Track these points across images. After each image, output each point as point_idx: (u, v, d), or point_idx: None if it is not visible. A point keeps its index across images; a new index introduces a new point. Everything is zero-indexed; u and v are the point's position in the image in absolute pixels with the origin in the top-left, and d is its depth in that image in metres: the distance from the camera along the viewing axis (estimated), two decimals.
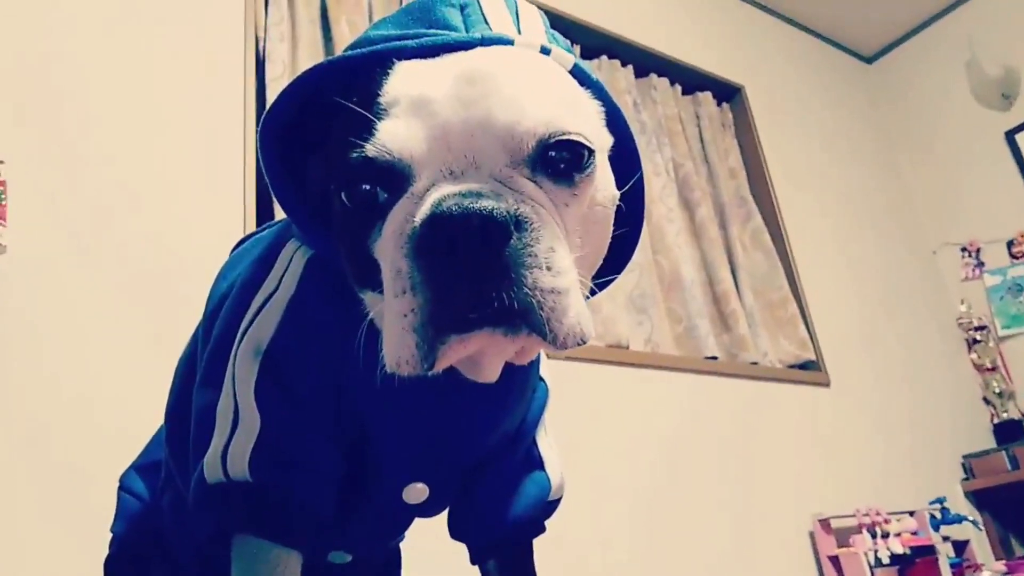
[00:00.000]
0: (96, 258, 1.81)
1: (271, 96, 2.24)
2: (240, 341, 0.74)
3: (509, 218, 0.54)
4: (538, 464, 0.90)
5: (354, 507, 0.80)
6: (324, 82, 0.66)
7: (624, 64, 3.36)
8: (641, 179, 0.73)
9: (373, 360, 0.62)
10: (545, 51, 0.66)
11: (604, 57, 3.30)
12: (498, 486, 0.87)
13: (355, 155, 0.59)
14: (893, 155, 4.55)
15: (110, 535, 0.96)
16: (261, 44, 2.36)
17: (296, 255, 0.76)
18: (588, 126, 0.64)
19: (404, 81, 0.61)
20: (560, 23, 3.15)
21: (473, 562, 0.91)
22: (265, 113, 0.68)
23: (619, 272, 0.74)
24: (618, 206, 0.68)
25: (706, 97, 3.66)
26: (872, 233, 4.06)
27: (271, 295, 0.75)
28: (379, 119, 0.59)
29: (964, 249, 4.24)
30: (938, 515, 3.10)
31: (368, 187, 0.60)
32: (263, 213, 2.08)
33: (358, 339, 0.65)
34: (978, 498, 3.62)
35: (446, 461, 0.82)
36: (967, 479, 3.65)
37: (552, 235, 0.57)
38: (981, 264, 4.17)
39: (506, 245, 0.54)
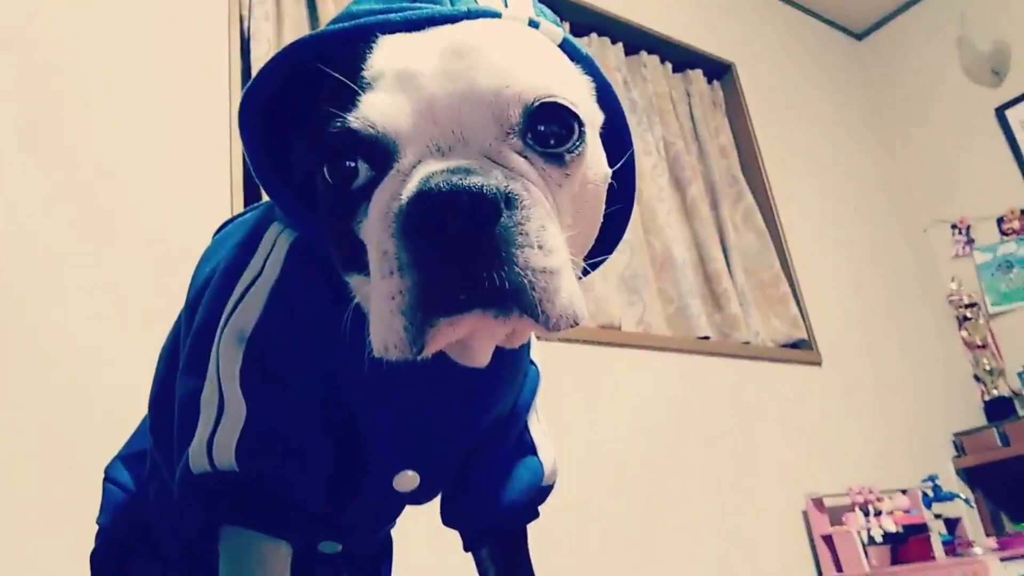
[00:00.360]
0: (83, 243, 1.78)
1: None
2: (223, 327, 0.72)
3: (499, 195, 0.52)
4: (530, 449, 0.88)
5: (344, 496, 0.78)
6: (307, 56, 0.63)
7: (614, 41, 3.32)
8: (632, 157, 0.71)
9: (360, 345, 0.60)
10: (533, 24, 0.63)
11: (594, 34, 3.26)
12: (490, 472, 0.86)
13: (337, 127, 0.56)
14: (883, 132, 4.53)
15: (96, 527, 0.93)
16: (246, 23, 2.31)
17: (280, 238, 0.74)
18: (579, 99, 0.61)
19: (389, 55, 0.59)
20: (551, 0, 3.10)
21: (466, 549, 0.89)
22: (245, 90, 0.65)
23: (610, 252, 0.72)
24: (609, 184, 0.66)
25: (696, 75, 3.62)
26: (863, 210, 4.04)
27: (254, 280, 0.72)
28: (363, 92, 0.57)
29: (954, 226, 4.23)
30: (930, 493, 3.10)
31: (351, 163, 0.57)
32: (250, 194, 2.05)
33: (344, 324, 0.63)
34: (969, 475, 3.63)
35: (437, 448, 0.80)
36: (958, 456, 3.66)
37: (543, 213, 0.55)
38: (971, 241, 4.17)
39: (496, 223, 0.52)
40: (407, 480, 0.79)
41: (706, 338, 2.92)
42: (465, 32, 0.59)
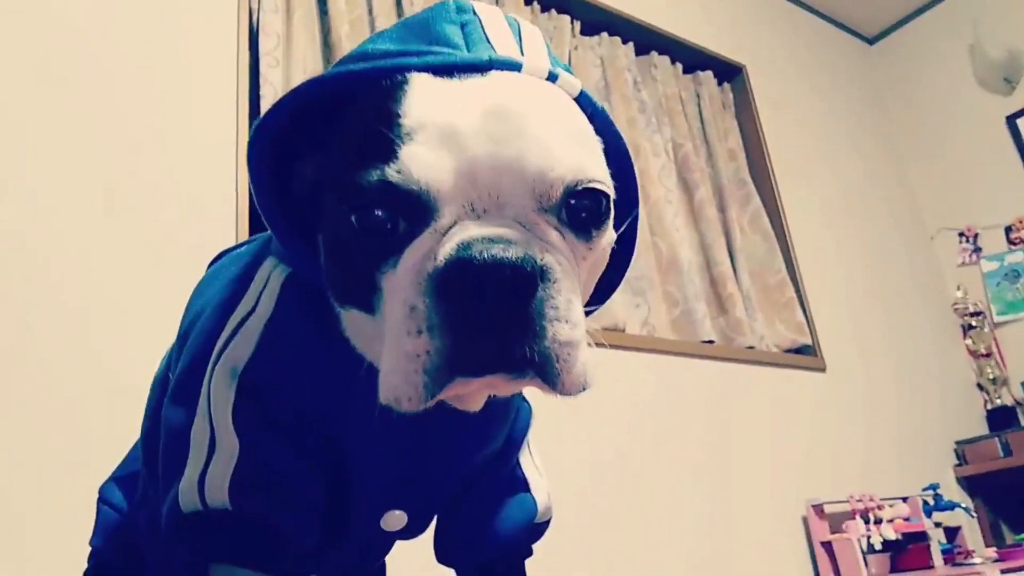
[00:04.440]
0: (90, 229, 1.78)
1: (265, 70, 2.19)
2: (215, 362, 0.71)
3: (537, 269, 0.53)
4: (523, 486, 0.88)
5: (333, 534, 0.78)
6: (324, 91, 0.63)
7: (625, 41, 3.31)
8: (636, 219, 0.72)
9: (353, 387, 0.61)
10: (553, 77, 0.63)
11: (604, 34, 3.24)
12: (482, 509, 0.86)
13: (374, 177, 0.56)
14: (893, 138, 4.51)
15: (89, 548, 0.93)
16: (255, 16, 2.30)
17: (274, 274, 0.74)
18: (603, 170, 0.63)
19: (427, 104, 0.58)
20: (563, 0, 3.10)
21: None
22: (257, 121, 0.64)
23: (604, 301, 0.73)
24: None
25: (707, 76, 3.61)
26: (870, 216, 4.03)
27: (248, 315, 0.72)
28: (401, 142, 0.56)
29: (962, 234, 4.22)
30: (931, 501, 3.10)
31: (384, 214, 0.57)
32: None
33: (337, 365, 0.64)
34: (970, 484, 3.62)
35: (425, 489, 0.81)
36: (959, 465, 3.65)
37: (571, 287, 0.57)
38: (978, 250, 4.15)
39: (533, 296, 0.53)
40: (395, 520, 0.79)
41: (710, 342, 2.91)
42: (502, 92, 0.59)
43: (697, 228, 3.21)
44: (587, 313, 0.67)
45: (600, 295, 0.71)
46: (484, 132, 0.56)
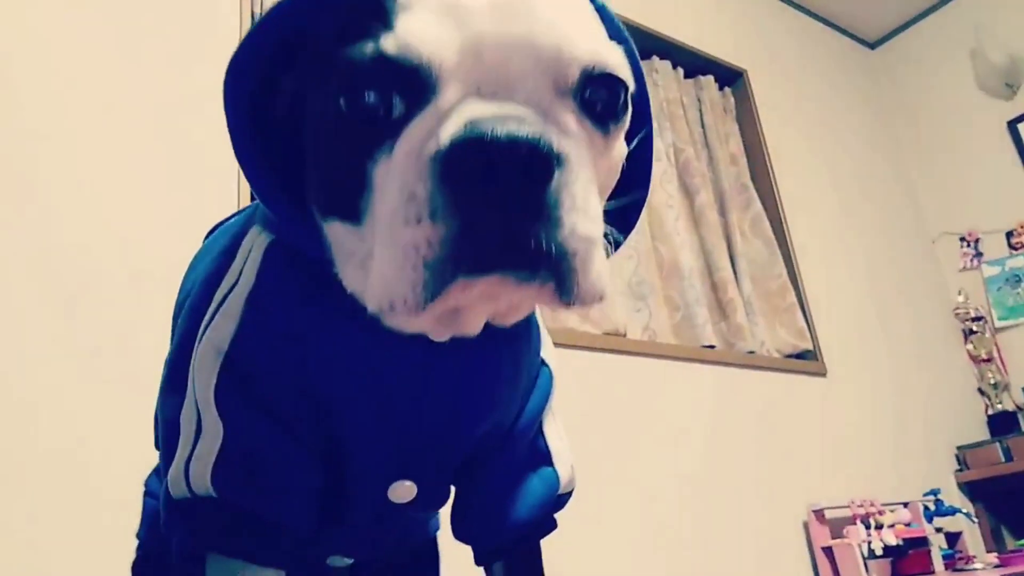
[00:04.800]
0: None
1: None
2: (200, 341, 0.68)
3: (554, 152, 0.47)
4: (545, 458, 0.82)
5: (339, 511, 0.74)
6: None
7: None
8: (651, 136, 0.67)
9: (344, 343, 0.57)
10: None
11: None
12: (501, 485, 0.80)
13: (368, 51, 0.50)
14: (894, 142, 4.51)
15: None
16: (257, 7, 2.30)
17: (256, 242, 0.69)
18: (621, 58, 0.57)
19: None
20: None
21: (478, 563, 0.85)
22: (234, 54, 0.60)
23: (627, 234, 0.67)
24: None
25: (708, 81, 3.61)
26: (871, 221, 4.03)
27: (231, 288, 0.68)
28: (398, 12, 0.51)
29: (963, 239, 4.22)
30: (932, 507, 3.09)
31: (377, 95, 0.50)
32: None
33: (325, 322, 0.61)
34: (971, 489, 3.62)
35: (431, 453, 0.74)
36: (960, 470, 3.65)
37: (588, 178, 0.51)
38: (980, 254, 4.15)
39: (550, 181, 0.47)
40: (403, 491, 0.74)
41: (711, 347, 2.92)
42: None
43: (698, 233, 3.21)
44: (616, 245, 0.61)
45: (624, 222, 0.64)
46: (490, 4, 0.51)
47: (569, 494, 0.86)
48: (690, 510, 2.58)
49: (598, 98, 0.54)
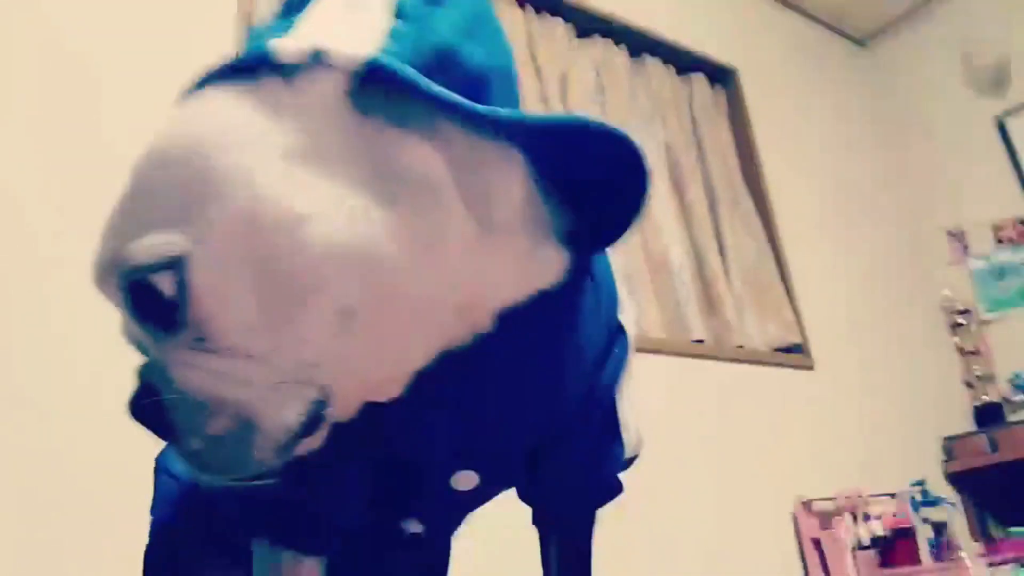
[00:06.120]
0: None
1: None
2: None
3: None
4: (615, 431, 0.84)
5: (403, 498, 0.76)
6: None
7: (618, 44, 3.35)
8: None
9: None
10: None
11: (598, 36, 3.28)
12: (572, 456, 0.82)
13: None
14: (883, 138, 4.55)
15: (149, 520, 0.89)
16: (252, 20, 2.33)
17: None
18: None
19: None
20: (554, 2, 3.13)
21: (535, 523, 0.90)
22: None
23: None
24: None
25: (699, 79, 3.65)
26: (860, 216, 4.07)
27: None
28: None
29: (951, 233, 4.27)
30: (918, 497, 3.14)
31: None
32: None
33: None
34: (957, 480, 3.67)
35: (492, 445, 0.74)
36: (947, 461, 3.70)
37: None
38: (967, 248, 4.20)
39: None
40: (466, 480, 0.75)
41: (701, 341, 2.96)
42: None
43: (688, 228, 3.25)
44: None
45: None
46: None
47: (634, 458, 0.91)
48: (677, 501, 2.62)
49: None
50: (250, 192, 0.48)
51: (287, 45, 0.52)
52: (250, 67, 0.53)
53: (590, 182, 0.61)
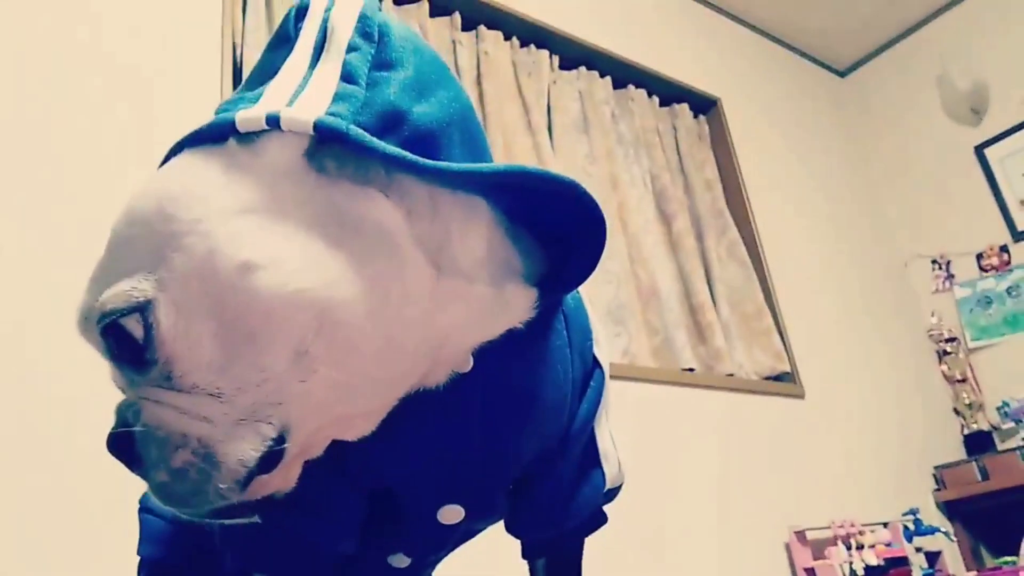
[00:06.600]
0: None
1: None
2: None
3: None
4: (595, 461, 0.86)
5: (391, 530, 0.77)
6: None
7: (602, 75, 3.37)
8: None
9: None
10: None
11: (583, 68, 3.30)
12: (553, 490, 0.84)
13: None
14: (865, 167, 4.60)
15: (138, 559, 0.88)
16: (238, 51, 2.33)
17: None
18: None
19: None
20: (539, 34, 3.15)
21: (524, 557, 0.91)
22: None
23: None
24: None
25: (683, 109, 3.68)
26: (845, 245, 4.10)
27: None
28: None
29: (935, 262, 4.29)
30: (911, 526, 3.12)
31: None
32: None
33: None
34: (949, 508, 3.65)
35: (476, 481, 0.77)
36: (938, 490, 3.69)
37: None
38: (951, 276, 4.23)
39: None
40: (452, 514, 0.77)
41: (691, 370, 2.94)
42: None
43: (676, 258, 3.25)
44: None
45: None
46: None
47: (618, 488, 0.92)
48: (670, 531, 2.59)
49: None
50: (207, 243, 0.53)
51: (247, 114, 0.57)
52: (216, 135, 0.58)
53: (550, 227, 0.66)
